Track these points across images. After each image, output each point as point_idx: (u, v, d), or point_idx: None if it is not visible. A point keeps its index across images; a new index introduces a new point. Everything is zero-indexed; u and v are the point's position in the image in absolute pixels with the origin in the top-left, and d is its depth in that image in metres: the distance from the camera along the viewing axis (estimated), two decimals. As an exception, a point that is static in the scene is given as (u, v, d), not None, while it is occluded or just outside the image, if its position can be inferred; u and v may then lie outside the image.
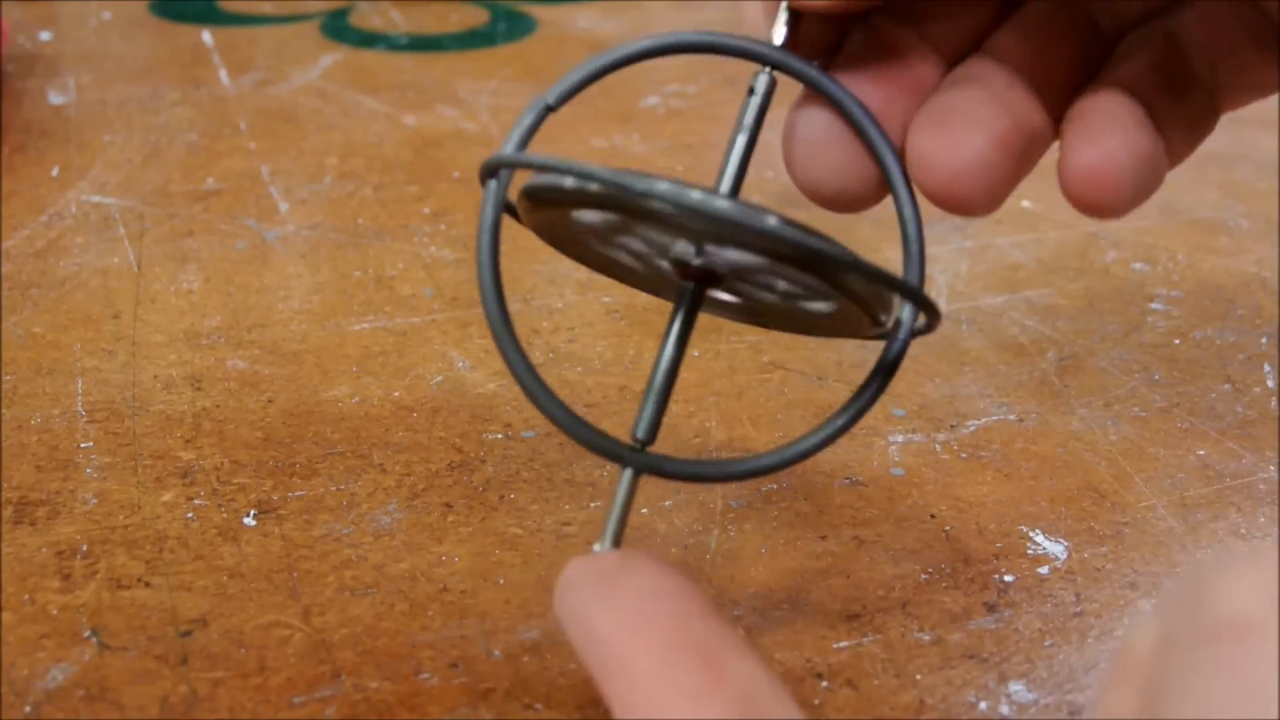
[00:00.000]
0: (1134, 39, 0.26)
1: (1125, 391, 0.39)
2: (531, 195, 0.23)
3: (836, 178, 0.26)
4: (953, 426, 0.36)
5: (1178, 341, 0.42)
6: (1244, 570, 0.14)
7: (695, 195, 0.19)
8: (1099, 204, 0.24)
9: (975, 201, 0.25)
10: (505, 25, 0.81)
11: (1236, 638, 0.13)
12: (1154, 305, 0.44)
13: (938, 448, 0.35)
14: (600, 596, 0.20)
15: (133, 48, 0.73)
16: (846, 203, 0.26)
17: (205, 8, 0.82)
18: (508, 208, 0.25)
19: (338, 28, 0.78)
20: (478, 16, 0.82)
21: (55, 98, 0.63)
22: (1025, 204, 0.53)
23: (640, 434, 0.24)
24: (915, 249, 0.25)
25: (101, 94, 0.64)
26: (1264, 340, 0.42)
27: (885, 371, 0.25)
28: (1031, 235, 0.50)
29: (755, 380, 0.38)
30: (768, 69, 0.25)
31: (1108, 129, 0.24)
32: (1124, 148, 0.24)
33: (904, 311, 0.25)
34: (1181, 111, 0.25)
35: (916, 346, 0.41)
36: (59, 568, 0.29)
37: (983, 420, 0.37)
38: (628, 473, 0.24)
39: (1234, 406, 0.38)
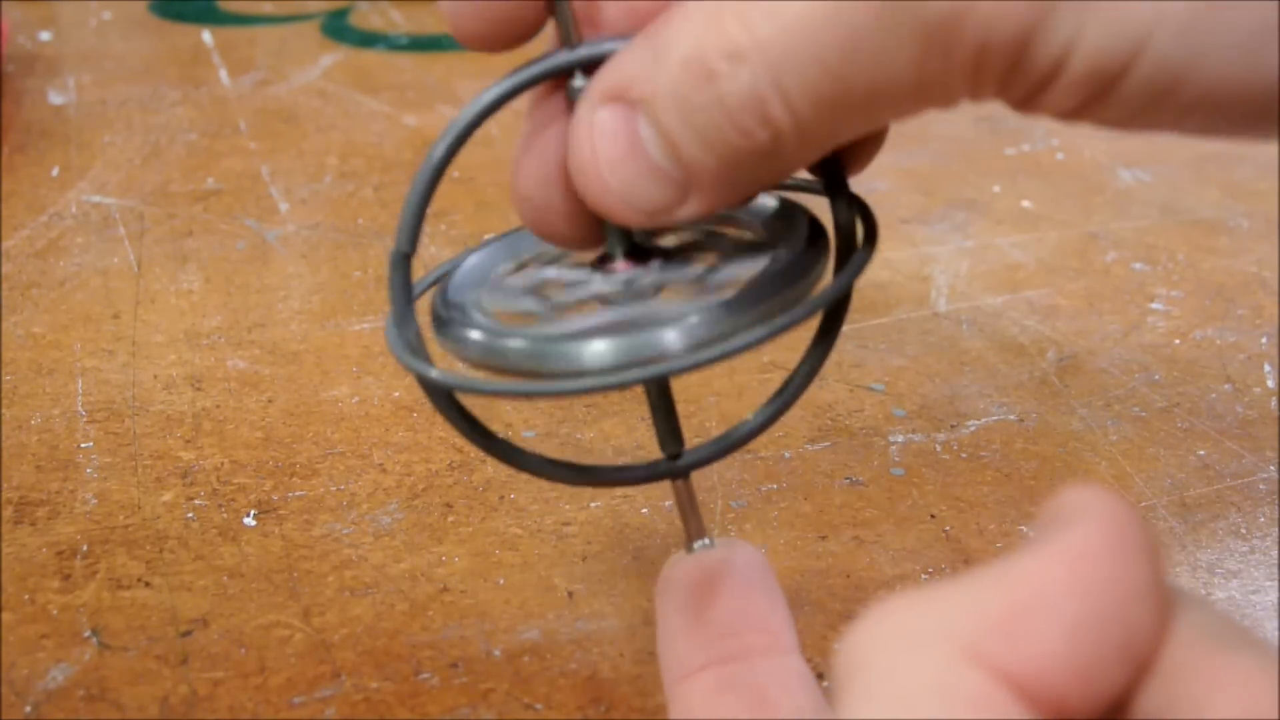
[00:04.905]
0: None
1: (1125, 391, 0.39)
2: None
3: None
4: (953, 426, 0.36)
5: (1178, 341, 0.42)
6: (867, 617, 0.15)
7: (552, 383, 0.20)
8: None
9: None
10: None
11: (852, 678, 0.14)
12: (1154, 305, 0.44)
13: (938, 448, 0.35)
14: (685, 621, 0.22)
15: (133, 48, 0.73)
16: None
17: (205, 8, 0.82)
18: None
19: (338, 28, 0.78)
20: (478, 16, 0.82)
21: (55, 98, 0.63)
22: (1025, 204, 0.53)
23: (670, 449, 0.24)
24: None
25: (101, 94, 0.64)
26: (1264, 340, 0.42)
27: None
28: (1031, 235, 0.50)
29: (755, 380, 0.38)
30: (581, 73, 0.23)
31: None
32: None
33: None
34: None
35: (917, 346, 0.41)
36: (59, 568, 0.29)
37: (983, 420, 0.37)
38: (679, 483, 0.24)
39: (1234, 406, 0.38)
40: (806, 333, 0.26)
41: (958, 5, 0.17)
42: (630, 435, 0.35)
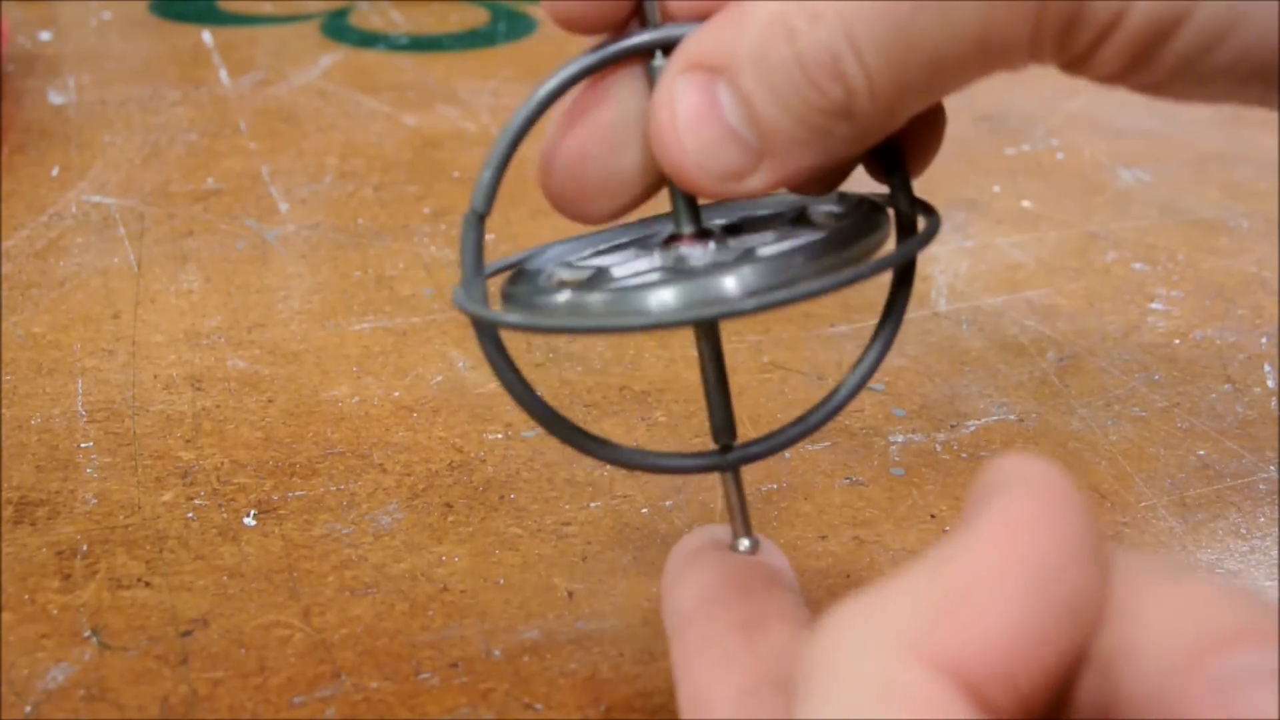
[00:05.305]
0: None
1: (1125, 391, 0.39)
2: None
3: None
4: (953, 426, 0.36)
5: (1178, 341, 0.42)
6: (824, 622, 0.16)
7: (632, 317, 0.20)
8: None
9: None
10: (505, 25, 0.81)
11: (806, 684, 0.16)
12: (1154, 305, 0.44)
13: (938, 448, 0.35)
14: (681, 573, 0.23)
15: (133, 48, 0.73)
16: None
17: (205, 8, 0.82)
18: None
19: (338, 28, 0.78)
20: (478, 16, 0.82)
21: (55, 98, 0.63)
22: (1025, 204, 0.53)
23: (723, 440, 0.25)
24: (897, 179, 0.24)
25: (101, 94, 0.64)
26: (1264, 340, 0.42)
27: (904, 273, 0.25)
28: (1031, 235, 0.50)
29: (755, 380, 0.38)
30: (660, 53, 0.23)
31: None
32: None
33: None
34: None
35: (917, 346, 0.41)
36: (59, 568, 0.29)
37: (983, 420, 0.37)
38: (727, 477, 0.25)
39: (1234, 406, 0.38)
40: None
41: None
42: (629, 435, 0.36)
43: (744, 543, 0.24)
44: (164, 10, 0.81)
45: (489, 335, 0.23)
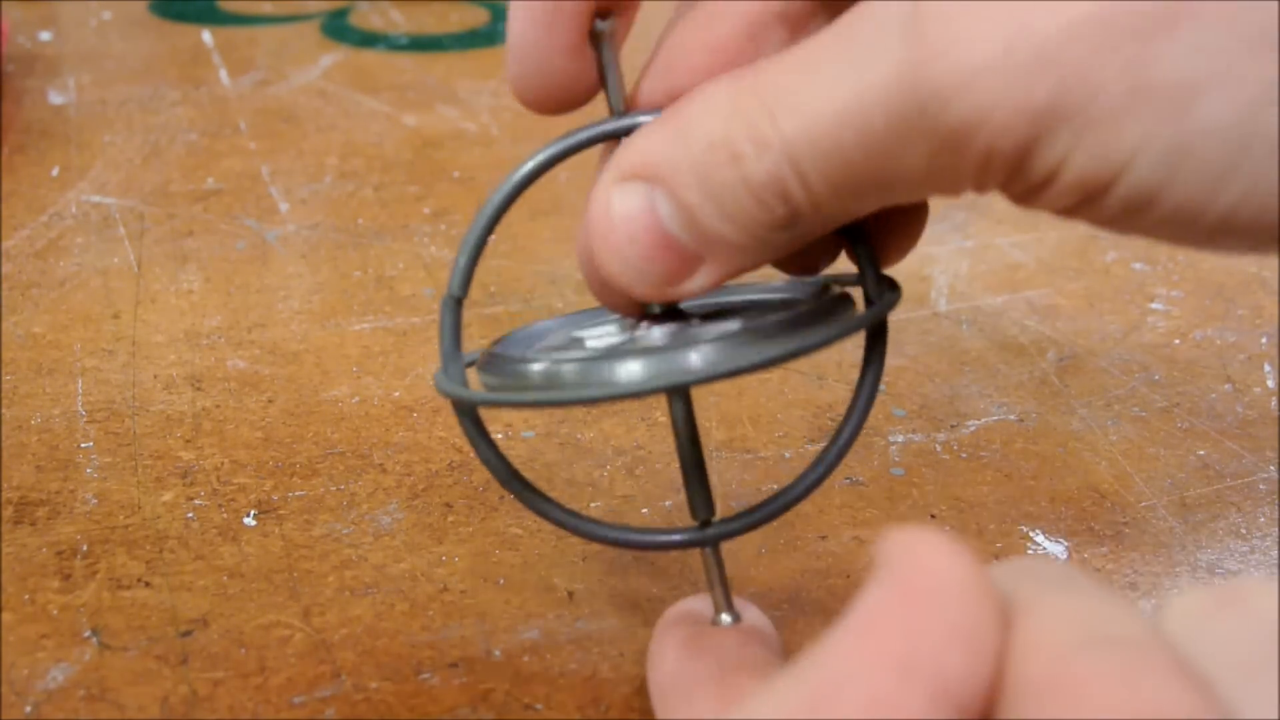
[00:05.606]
0: None
1: (1125, 391, 0.39)
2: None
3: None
4: (953, 426, 0.36)
5: (1178, 341, 0.42)
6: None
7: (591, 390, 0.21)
8: None
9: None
10: (505, 25, 0.81)
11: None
12: (1154, 305, 0.44)
13: (938, 448, 0.35)
14: (662, 649, 0.24)
15: (133, 48, 0.73)
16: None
17: (205, 8, 0.82)
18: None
19: (338, 28, 0.78)
20: (478, 16, 0.82)
21: (55, 98, 0.63)
22: (1025, 204, 0.53)
23: (701, 515, 0.25)
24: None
25: (101, 94, 0.64)
26: (1264, 340, 0.42)
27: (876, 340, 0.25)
28: (1031, 235, 0.50)
29: (755, 380, 0.38)
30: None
31: None
32: None
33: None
34: None
35: (916, 346, 0.41)
36: (59, 568, 0.29)
37: (983, 420, 0.37)
38: (707, 552, 0.25)
39: (1234, 406, 0.38)
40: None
41: (972, 117, 0.18)
42: (629, 435, 0.36)
43: (725, 618, 0.25)
44: (164, 10, 0.81)
45: (468, 414, 0.24)
